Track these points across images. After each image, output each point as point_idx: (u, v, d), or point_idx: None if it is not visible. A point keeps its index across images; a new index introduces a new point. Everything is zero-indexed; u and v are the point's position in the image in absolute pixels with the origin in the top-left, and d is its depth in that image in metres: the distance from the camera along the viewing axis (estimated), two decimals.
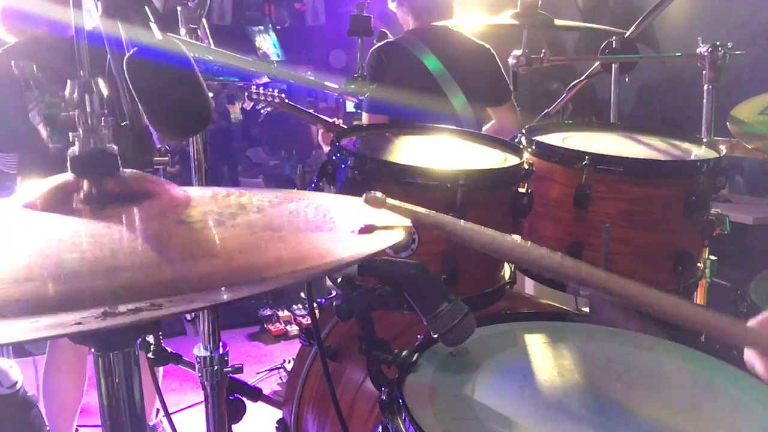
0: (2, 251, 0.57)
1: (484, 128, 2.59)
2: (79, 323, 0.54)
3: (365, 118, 2.60)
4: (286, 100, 2.89)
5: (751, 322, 0.77)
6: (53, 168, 0.72)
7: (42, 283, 0.49)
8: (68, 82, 0.72)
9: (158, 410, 2.36)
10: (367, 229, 0.64)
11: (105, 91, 0.73)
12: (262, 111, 2.88)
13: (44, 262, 0.53)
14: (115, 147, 0.73)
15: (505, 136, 2.34)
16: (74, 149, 0.71)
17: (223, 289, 0.63)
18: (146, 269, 0.52)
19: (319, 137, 2.91)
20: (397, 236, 0.67)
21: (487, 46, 2.50)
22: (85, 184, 0.70)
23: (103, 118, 0.72)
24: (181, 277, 0.52)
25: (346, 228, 0.67)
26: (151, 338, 1.41)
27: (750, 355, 0.77)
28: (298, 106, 2.93)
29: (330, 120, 2.88)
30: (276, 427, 1.59)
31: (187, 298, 0.61)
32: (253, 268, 0.54)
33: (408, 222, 0.74)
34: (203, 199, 0.74)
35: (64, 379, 2.13)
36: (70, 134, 0.71)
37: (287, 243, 0.61)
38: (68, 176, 0.71)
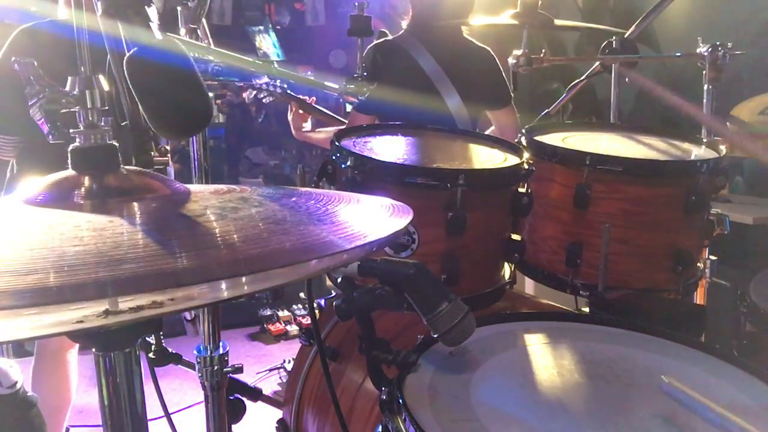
0: (5, 245, 0.57)
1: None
2: (81, 321, 0.55)
3: (353, 117, 2.58)
4: (288, 91, 2.88)
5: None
6: (52, 163, 0.72)
7: (45, 274, 0.49)
8: (69, 78, 0.72)
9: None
10: None
11: (105, 87, 0.73)
12: (264, 101, 2.87)
13: (47, 254, 0.53)
14: (115, 143, 0.73)
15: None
16: (75, 145, 0.71)
17: (224, 286, 0.63)
18: (149, 260, 0.52)
19: (289, 116, 2.87)
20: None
21: (488, 49, 2.49)
22: (86, 180, 0.70)
23: (103, 118, 0.72)
24: (185, 268, 0.52)
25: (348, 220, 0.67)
26: (152, 339, 1.41)
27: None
28: (297, 95, 2.91)
29: (303, 97, 2.86)
30: (276, 427, 1.59)
31: (187, 296, 0.61)
32: (256, 259, 0.54)
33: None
34: (204, 194, 0.74)
35: (49, 388, 2.18)
36: (71, 130, 0.72)
37: (290, 235, 0.60)
38: (69, 172, 0.71)
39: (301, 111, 2.79)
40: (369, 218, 0.72)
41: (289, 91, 2.86)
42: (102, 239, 0.56)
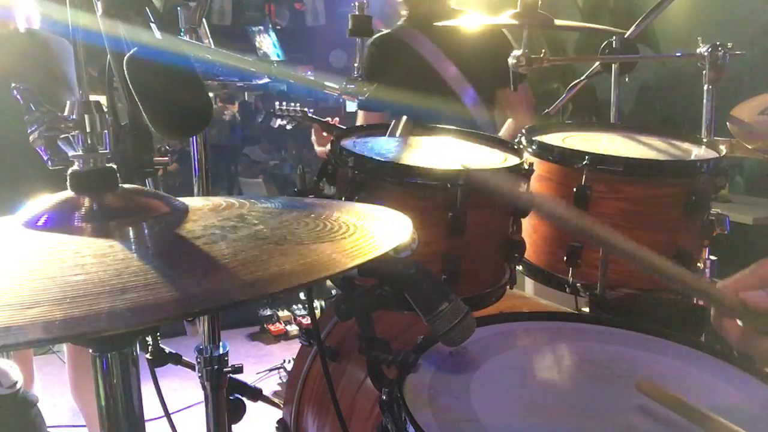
0: (7, 274, 0.57)
1: (503, 130, 2.50)
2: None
3: (360, 116, 2.57)
4: (309, 114, 2.94)
5: (721, 284, 0.75)
6: (50, 188, 0.73)
7: (49, 307, 0.49)
8: (67, 103, 0.73)
9: None
10: None
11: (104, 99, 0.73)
12: (287, 127, 2.96)
13: (49, 285, 0.53)
14: (114, 166, 0.73)
15: (522, 121, 2.26)
16: (74, 167, 0.72)
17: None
18: (152, 288, 0.53)
19: (313, 137, 2.90)
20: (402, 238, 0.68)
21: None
22: (86, 201, 0.70)
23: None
24: (187, 296, 0.52)
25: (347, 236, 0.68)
26: (148, 339, 1.41)
27: (716, 317, 0.75)
28: (318, 117, 2.97)
29: (323, 119, 2.92)
30: (276, 427, 1.59)
31: None
32: (257, 283, 0.55)
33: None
34: (203, 212, 0.74)
35: None
36: (70, 154, 0.72)
37: (289, 256, 0.61)
38: (68, 194, 0.72)
39: (324, 133, 2.81)
40: (369, 232, 0.72)
41: (310, 114, 2.92)
42: (104, 267, 0.57)
